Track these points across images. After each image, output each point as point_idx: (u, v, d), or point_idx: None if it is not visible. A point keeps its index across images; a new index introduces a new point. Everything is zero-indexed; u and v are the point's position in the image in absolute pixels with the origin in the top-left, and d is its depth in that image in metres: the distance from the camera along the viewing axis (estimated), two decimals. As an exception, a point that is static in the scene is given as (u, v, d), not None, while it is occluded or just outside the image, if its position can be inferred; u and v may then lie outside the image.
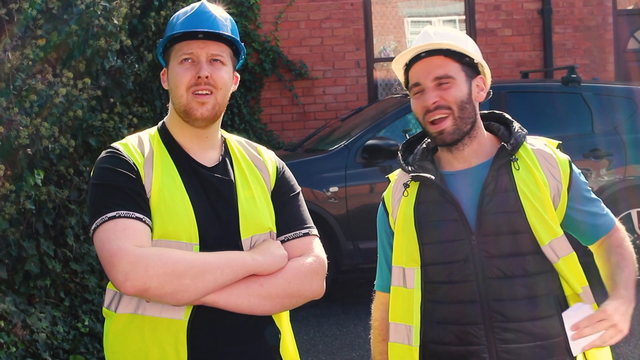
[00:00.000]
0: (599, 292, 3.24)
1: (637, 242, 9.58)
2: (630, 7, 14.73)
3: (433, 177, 3.14)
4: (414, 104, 3.16)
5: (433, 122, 3.10)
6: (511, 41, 13.88)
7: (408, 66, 3.18)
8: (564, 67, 11.30)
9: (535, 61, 13.91)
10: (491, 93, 3.26)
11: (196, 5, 3.08)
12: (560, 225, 3.09)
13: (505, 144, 3.11)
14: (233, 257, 2.88)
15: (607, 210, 3.24)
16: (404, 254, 3.18)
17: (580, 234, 3.22)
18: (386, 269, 3.34)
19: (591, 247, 3.27)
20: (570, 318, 2.96)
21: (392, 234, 3.28)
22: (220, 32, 3.00)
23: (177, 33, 2.99)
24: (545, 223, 3.02)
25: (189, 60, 2.98)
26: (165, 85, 3.10)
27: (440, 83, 3.08)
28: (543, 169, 3.09)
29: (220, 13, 3.07)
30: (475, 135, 3.16)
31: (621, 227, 3.25)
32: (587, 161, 9.56)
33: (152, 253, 2.77)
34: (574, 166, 3.17)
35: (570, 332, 2.95)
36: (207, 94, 2.98)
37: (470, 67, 3.14)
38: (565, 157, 3.16)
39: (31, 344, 6.11)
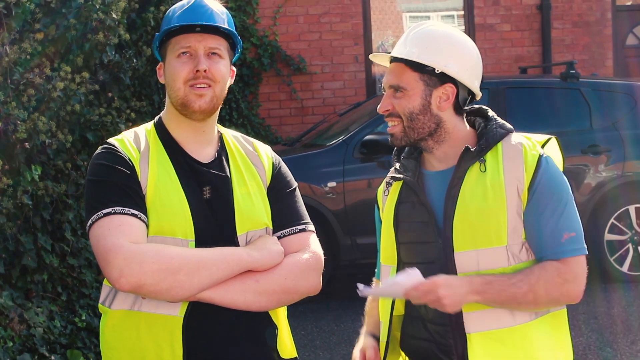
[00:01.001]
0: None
1: (635, 238, 9.59)
2: (629, 3, 14.72)
3: (407, 178, 3.17)
4: None
5: (388, 125, 3.17)
6: (510, 36, 13.88)
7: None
8: (563, 62, 11.29)
9: (534, 57, 13.91)
10: (480, 95, 3.22)
11: (202, 1, 3.06)
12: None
13: (470, 147, 3.08)
14: (229, 253, 2.87)
15: (577, 235, 3.01)
16: (383, 252, 3.25)
17: (531, 249, 3.05)
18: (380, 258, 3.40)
19: None
20: (399, 281, 2.91)
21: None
22: (218, 25, 2.99)
23: (175, 26, 2.97)
24: (475, 231, 3.00)
25: (187, 54, 2.97)
26: (161, 80, 3.08)
27: (394, 92, 3.11)
28: (505, 171, 3.03)
29: (216, 6, 3.06)
30: (444, 139, 3.14)
31: (578, 264, 3.00)
32: (585, 157, 9.57)
33: (147, 249, 2.77)
34: (545, 165, 3.02)
35: (389, 288, 2.98)
36: (205, 87, 2.97)
37: (435, 77, 3.09)
38: (534, 154, 3.02)
39: (28, 338, 6.11)
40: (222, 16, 3.05)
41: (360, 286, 3.00)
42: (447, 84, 3.10)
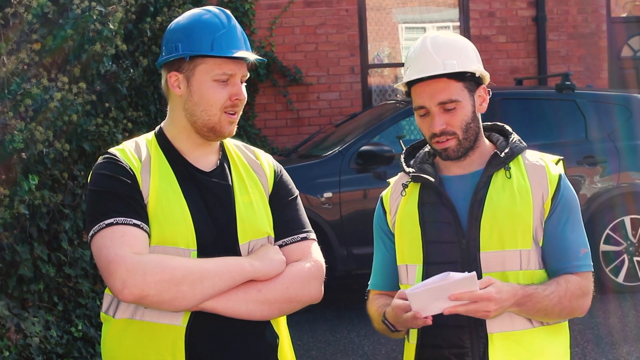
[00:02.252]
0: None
1: (631, 249, 9.61)
2: (624, 15, 14.76)
3: (432, 179, 3.18)
4: (420, 124, 3.19)
5: (438, 141, 3.13)
6: (505, 48, 13.90)
7: (410, 81, 3.18)
8: (558, 74, 11.31)
9: (530, 68, 13.93)
10: (490, 92, 3.26)
11: (216, 14, 3.04)
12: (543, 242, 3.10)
13: (499, 152, 3.15)
14: (231, 263, 2.88)
15: (588, 253, 3.15)
16: (407, 252, 3.21)
17: (546, 259, 3.12)
18: (382, 268, 3.38)
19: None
20: (453, 283, 2.85)
21: (391, 233, 3.31)
22: (259, 58, 3.04)
23: (225, 53, 2.95)
24: (503, 232, 3.06)
25: (225, 81, 2.98)
26: (177, 92, 3.02)
27: (445, 108, 3.09)
28: (530, 180, 3.11)
29: (239, 24, 3.09)
30: (478, 146, 3.19)
31: (591, 280, 3.15)
32: (581, 168, 9.59)
33: (150, 260, 2.78)
34: (565, 182, 3.15)
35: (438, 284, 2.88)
36: (236, 113, 3.01)
37: (472, 81, 3.15)
38: (556, 172, 3.15)
39: (24, 348, 6.10)
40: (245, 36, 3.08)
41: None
42: (480, 85, 3.17)
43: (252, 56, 3.00)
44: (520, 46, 13.93)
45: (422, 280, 3.09)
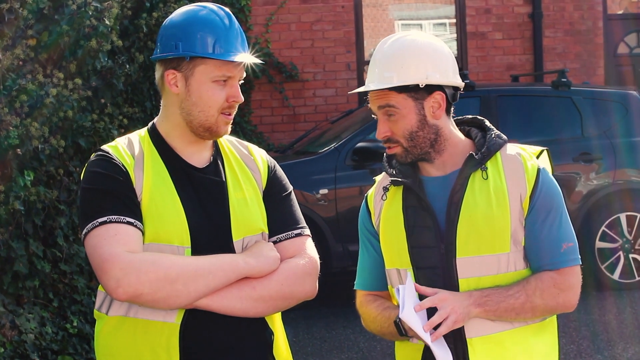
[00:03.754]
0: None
1: (626, 246, 9.62)
2: (620, 12, 14.77)
3: (409, 183, 3.14)
4: None
5: (387, 147, 3.14)
6: (501, 45, 13.90)
7: None
8: (554, 71, 11.33)
9: (526, 65, 13.93)
10: (463, 85, 3.18)
11: (215, 11, 3.03)
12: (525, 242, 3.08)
13: (474, 153, 3.10)
14: (225, 261, 2.88)
15: (574, 245, 3.08)
16: (395, 256, 3.17)
17: (528, 257, 3.08)
18: (369, 269, 3.34)
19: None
20: (410, 313, 2.90)
21: (376, 234, 3.28)
22: (259, 61, 3.06)
23: (227, 56, 2.95)
24: (480, 237, 3.03)
25: (224, 81, 2.98)
26: (174, 90, 3.00)
27: (387, 113, 3.08)
28: (507, 179, 3.06)
29: (238, 23, 3.09)
30: (444, 148, 3.13)
31: (574, 274, 3.07)
32: (577, 165, 9.60)
33: (144, 259, 2.77)
34: (545, 178, 3.07)
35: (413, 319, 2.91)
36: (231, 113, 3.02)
37: (422, 90, 3.06)
38: (534, 166, 3.07)
39: (19, 344, 6.10)
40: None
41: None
42: (435, 92, 3.08)
43: (252, 60, 3.00)
44: (517, 43, 13.93)
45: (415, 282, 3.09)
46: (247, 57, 2.99)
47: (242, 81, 3.07)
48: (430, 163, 3.15)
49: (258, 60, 3.04)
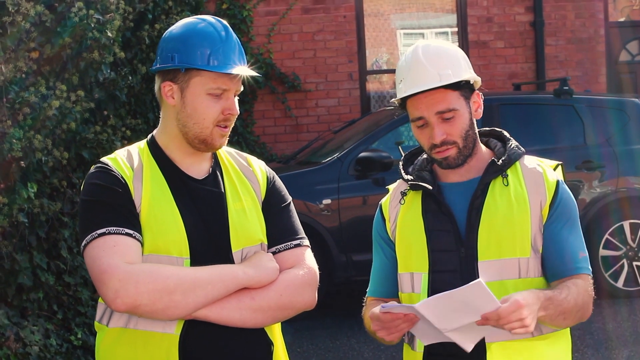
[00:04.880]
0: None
1: (630, 253, 9.61)
2: (622, 19, 14.78)
3: (430, 187, 3.17)
4: (419, 135, 3.17)
5: (439, 151, 3.13)
6: (503, 53, 13.91)
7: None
8: (556, 79, 11.34)
9: (528, 73, 13.94)
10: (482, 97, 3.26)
11: (212, 24, 3.04)
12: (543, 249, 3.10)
13: (496, 160, 3.15)
14: (224, 272, 2.88)
15: (587, 256, 3.15)
16: (412, 260, 3.19)
17: (546, 263, 3.11)
18: (381, 276, 3.34)
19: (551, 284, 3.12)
20: (458, 292, 2.76)
21: (390, 241, 3.29)
22: (257, 75, 3.04)
23: (221, 69, 2.94)
24: (500, 241, 3.05)
25: (220, 94, 2.98)
26: (171, 102, 3.01)
27: (444, 118, 3.08)
28: (527, 187, 3.11)
29: (237, 38, 3.08)
30: (475, 153, 3.19)
31: (591, 282, 3.13)
32: (579, 173, 9.60)
33: (142, 270, 2.78)
34: (563, 188, 3.14)
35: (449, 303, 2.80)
36: (228, 126, 3.02)
37: (467, 88, 3.15)
38: (554, 178, 3.14)
39: (24, 357, 6.10)
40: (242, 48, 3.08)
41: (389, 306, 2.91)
42: (474, 92, 3.18)
43: (248, 72, 2.99)
44: (519, 51, 13.94)
45: (428, 287, 3.09)
46: (243, 70, 2.99)
47: (238, 96, 3.06)
48: (460, 168, 3.17)
49: (254, 73, 3.03)
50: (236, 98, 3.05)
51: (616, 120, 9.98)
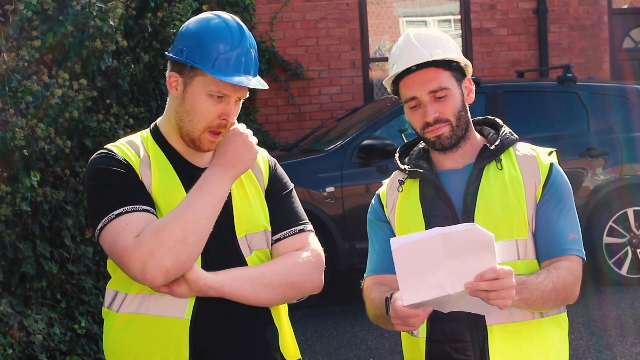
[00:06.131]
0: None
1: (634, 240, 9.60)
2: (625, 6, 14.75)
3: (427, 175, 3.21)
4: (411, 116, 3.21)
5: (432, 130, 3.16)
6: (507, 40, 13.90)
7: (397, 77, 3.22)
8: (560, 66, 11.31)
9: (531, 60, 13.93)
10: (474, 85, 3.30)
11: (228, 23, 2.99)
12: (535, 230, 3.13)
13: (489, 145, 3.20)
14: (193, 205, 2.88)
15: (579, 238, 3.14)
16: None
17: (537, 244, 3.13)
18: (377, 252, 3.34)
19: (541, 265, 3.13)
20: (450, 235, 2.69)
21: (390, 223, 3.32)
22: (262, 86, 3.00)
23: (223, 76, 2.90)
24: (497, 223, 3.06)
25: (219, 98, 2.95)
26: (174, 92, 3.01)
27: (437, 97, 3.12)
28: (522, 170, 3.16)
29: (254, 46, 3.04)
30: (468, 137, 3.24)
31: (580, 265, 3.11)
32: (583, 160, 9.58)
33: (147, 236, 2.76)
34: (557, 170, 3.17)
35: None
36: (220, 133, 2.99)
37: (458, 71, 3.20)
38: (548, 160, 3.18)
39: (28, 345, 6.10)
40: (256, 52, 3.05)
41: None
42: (465, 77, 3.23)
43: (248, 84, 2.94)
44: (522, 38, 13.93)
45: None
46: (244, 81, 2.93)
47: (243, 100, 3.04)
48: (453, 153, 3.21)
49: (258, 86, 2.97)
50: (241, 101, 3.02)
51: (619, 107, 9.96)
